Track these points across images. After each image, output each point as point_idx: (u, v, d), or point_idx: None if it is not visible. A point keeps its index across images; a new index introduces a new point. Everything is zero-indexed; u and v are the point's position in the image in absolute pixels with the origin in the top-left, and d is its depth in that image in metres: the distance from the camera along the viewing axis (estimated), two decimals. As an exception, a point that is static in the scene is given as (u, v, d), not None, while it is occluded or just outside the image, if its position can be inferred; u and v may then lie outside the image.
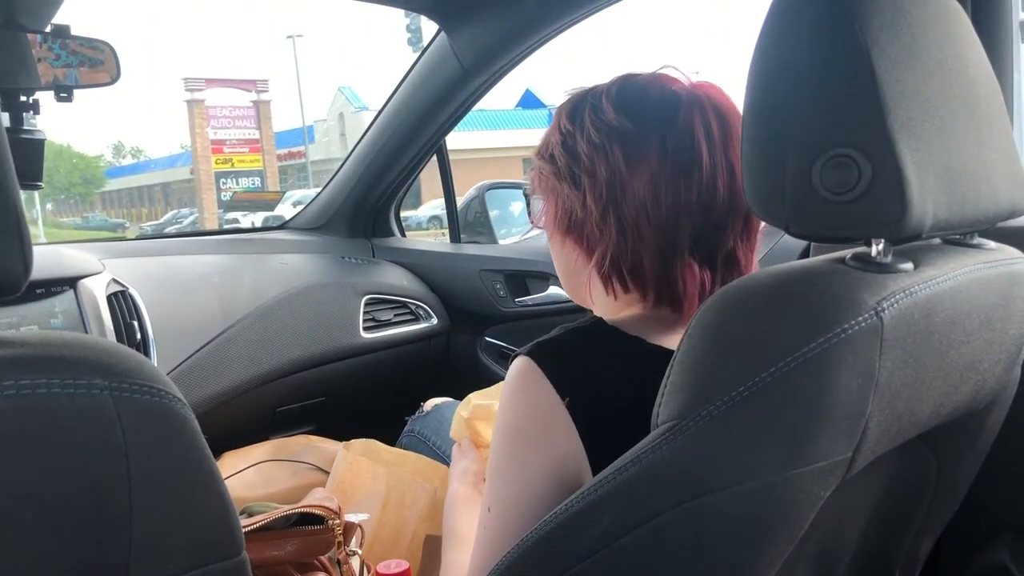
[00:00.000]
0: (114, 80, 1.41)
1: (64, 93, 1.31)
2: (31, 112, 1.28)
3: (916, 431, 0.74)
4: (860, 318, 0.64)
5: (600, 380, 0.84)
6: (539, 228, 1.04)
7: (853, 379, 0.64)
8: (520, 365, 0.85)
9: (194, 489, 0.55)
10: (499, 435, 0.87)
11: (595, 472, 0.80)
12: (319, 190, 2.42)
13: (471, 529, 1.08)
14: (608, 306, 0.97)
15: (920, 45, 0.68)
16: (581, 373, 0.84)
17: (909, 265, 0.70)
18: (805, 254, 1.52)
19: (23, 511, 0.47)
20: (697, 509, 0.66)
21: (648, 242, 0.89)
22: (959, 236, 0.81)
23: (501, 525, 0.86)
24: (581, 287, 0.99)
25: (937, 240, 0.81)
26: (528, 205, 1.04)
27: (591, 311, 1.00)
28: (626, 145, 0.89)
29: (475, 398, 1.33)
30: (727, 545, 0.68)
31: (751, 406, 0.64)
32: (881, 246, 0.69)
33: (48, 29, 1.32)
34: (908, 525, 0.92)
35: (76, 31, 1.36)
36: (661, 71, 0.95)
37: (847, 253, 0.72)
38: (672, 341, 0.72)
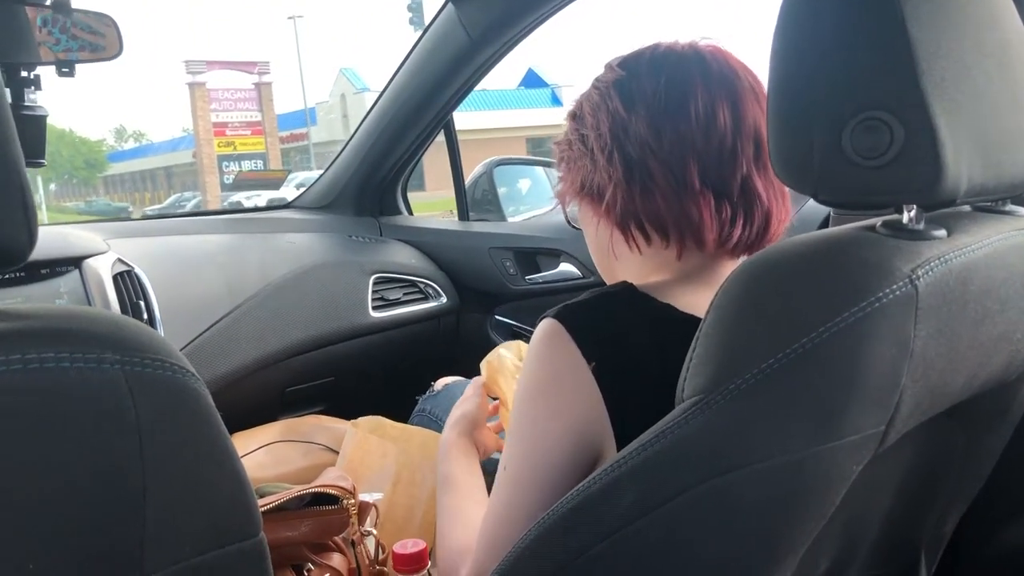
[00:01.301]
0: (116, 55, 1.38)
1: (66, 68, 1.28)
2: (32, 88, 1.25)
3: (948, 403, 0.72)
4: (895, 286, 0.62)
5: (628, 346, 0.82)
6: (576, 227, 1.05)
7: (888, 350, 0.62)
8: (546, 327, 0.84)
9: (210, 467, 0.53)
10: (521, 396, 0.87)
11: (619, 441, 0.80)
12: (322, 171, 2.40)
13: (464, 476, 1.10)
14: (636, 267, 0.96)
15: (952, 4, 0.66)
16: (609, 338, 0.82)
17: (942, 232, 0.68)
18: (825, 224, 1.50)
19: (32, 490, 0.45)
20: (724, 486, 0.64)
21: (658, 179, 0.90)
22: (990, 203, 0.79)
23: (516, 486, 0.86)
24: (607, 253, 0.99)
25: (967, 207, 0.79)
26: (564, 209, 1.06)
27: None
28: (622, 91, 0.92)
29: (502, 349, 1.32)
30: (756, 523, 0.66)
31: (781, 379, 0.62)
32: (913, 212, 0.67)
33: (48, 2, 1.29)
34: (934, 501, 0.91)
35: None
36: (657, 41, 0.97)
37: (877, 221, 0.70)
38: (703, 308, 0.70)
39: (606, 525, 0.69)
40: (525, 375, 0.86)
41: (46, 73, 1.29)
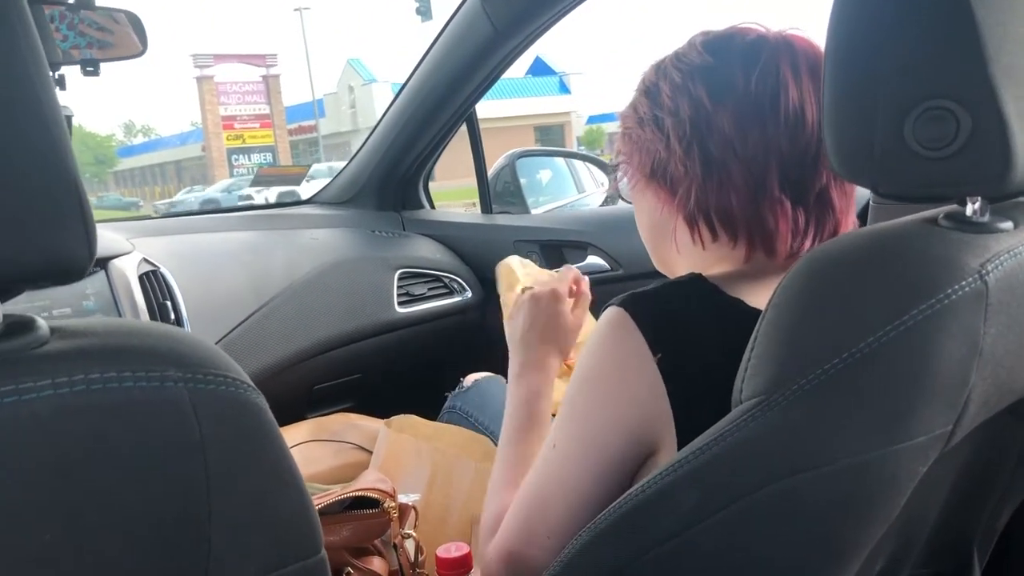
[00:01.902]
0: (139, 53, 1.37)
1: (91, 67, 1.27)
2: (57, 88, 1.24)
3: (1013, 399, 0.70)
4: (964, 282, 0.60)
5: (696, 340, 0.80)
6: (627, 201, 1.01)
7: (957, 348, 0.60)
8: (612, 315, 0.81)
9: (274, 484, 0.52)
10: (580, 380, 0.84)
11: (680, 438, 0.77)
12: (331, 163, 2.37)
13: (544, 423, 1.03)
14: (696, 260, 0.93)
15: None
16: (677, 331, 0.80)
17: (1009, 224, 0.66)
18: (864, 213, 1.47)
19: (94, 514, 0.44)
20: (787, 490, 0.62)
21: (736, 179, 0.86)
22: None
23: (564, 468, 0.83)
24: (666, 242, 0.95)
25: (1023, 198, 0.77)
26: (616, 176, 1.02)
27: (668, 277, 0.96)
28: (709, 81, 0.87)
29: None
30: (821, 527, 0.64)
31: (846, 380, 0.60)
32: (977, 204, 0.65)
33: (71, 1, 1.28)
34: (989, 496, 0.89)
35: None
36: (744, 24, 0.92)
37: (937, 212, 0.68)
38: None
39: (664, 529, 0.68)
40: (586, 360, 0.84)
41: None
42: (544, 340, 1.08)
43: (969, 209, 0.66)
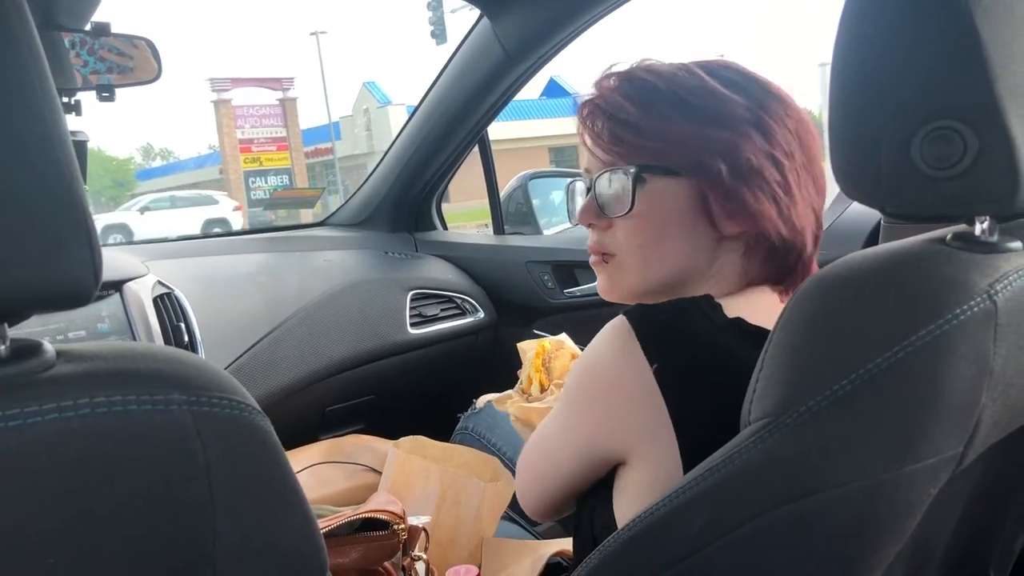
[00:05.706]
0: (154, 78, 1.39)
1: (106, 93, 1.28)
2: (72, 113, 1.26)
3: (1023, 421, 0.70)
4: (972, 302, 0.60)
5: (699, 356, 0.79)
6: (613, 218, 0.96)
7: (967, 369, 0.60)
8: (615, 323, 0.82)
9: (279, 508, 0.51)
10: (578, 371, 0.86)
11: (684, 452, 0.77)
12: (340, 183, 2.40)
13: None
14: (718, 283, 0.91)
15: (1022, 4, 0.63)
16: (678, 345, 0.80)
17: (1018, 244, 0.66)
18: (875, 232, 1.46)
19: (98, 538, 0.44)
20: (797, 512, 0.62)
21: (812, 196, 0.90)
22: None
23: (551, 440, 0.90)
24: (697, 268, 0.91)
25: None
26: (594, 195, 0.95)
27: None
28: (764, 132, 0.87)
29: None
30: (832, 550, 0.64)
31: (856, 401, 0.60)
32: (986, 224, 0.65)
33: (88, 27, 1.30)
34: (1003, 518, 0.88)
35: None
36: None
37: (945, 233, 0.67)
38: (772, 322, 0.67)
39: (672, 552, 0.67)
40: (586, 356, 0.85)
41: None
42: None
43: (978, 229, 0.65)
